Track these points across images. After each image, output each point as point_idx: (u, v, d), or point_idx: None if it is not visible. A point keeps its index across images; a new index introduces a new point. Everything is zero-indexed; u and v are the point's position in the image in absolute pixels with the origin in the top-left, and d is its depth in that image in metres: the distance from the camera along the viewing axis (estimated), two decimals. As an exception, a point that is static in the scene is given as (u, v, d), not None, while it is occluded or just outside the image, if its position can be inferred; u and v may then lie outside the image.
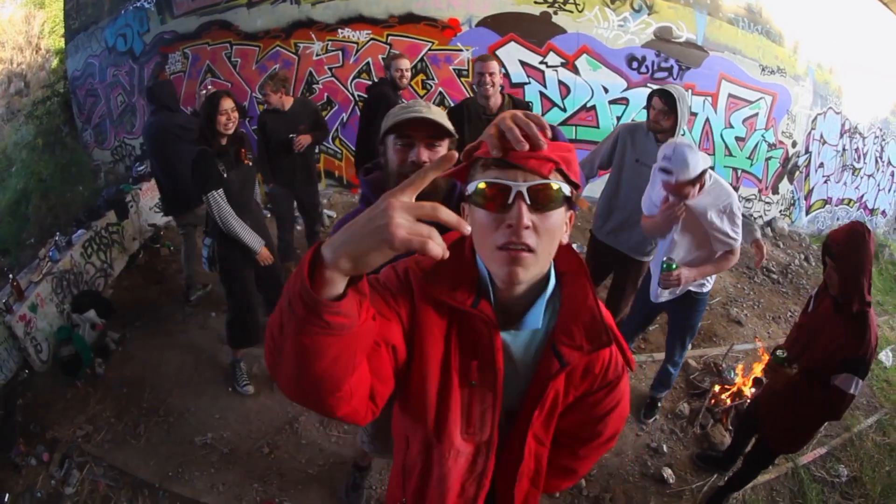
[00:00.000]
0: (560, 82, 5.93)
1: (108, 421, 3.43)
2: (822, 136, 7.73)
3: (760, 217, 7.39)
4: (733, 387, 3.70)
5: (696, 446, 3.44)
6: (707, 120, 6.50)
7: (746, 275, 5.78)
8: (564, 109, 6.03)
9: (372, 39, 5.73)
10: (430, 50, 5.73)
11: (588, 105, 6.09)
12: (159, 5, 6.34)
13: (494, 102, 3.37)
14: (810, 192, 8.05)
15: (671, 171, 2.36)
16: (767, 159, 7.17)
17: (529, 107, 3.52)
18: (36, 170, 7.33)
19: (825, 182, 8.23)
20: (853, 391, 2.23)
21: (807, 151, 7.61)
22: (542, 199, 0.91)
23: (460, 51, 5.73)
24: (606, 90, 6.06)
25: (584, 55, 5.89)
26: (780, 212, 7.63)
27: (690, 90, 6.21)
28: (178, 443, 3.26)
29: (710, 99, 6.42)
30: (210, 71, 6.18)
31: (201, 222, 3.68)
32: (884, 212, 9.80)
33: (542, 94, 5.98)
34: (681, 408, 3.64)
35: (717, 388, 3.72)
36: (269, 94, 3.94)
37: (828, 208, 8.49)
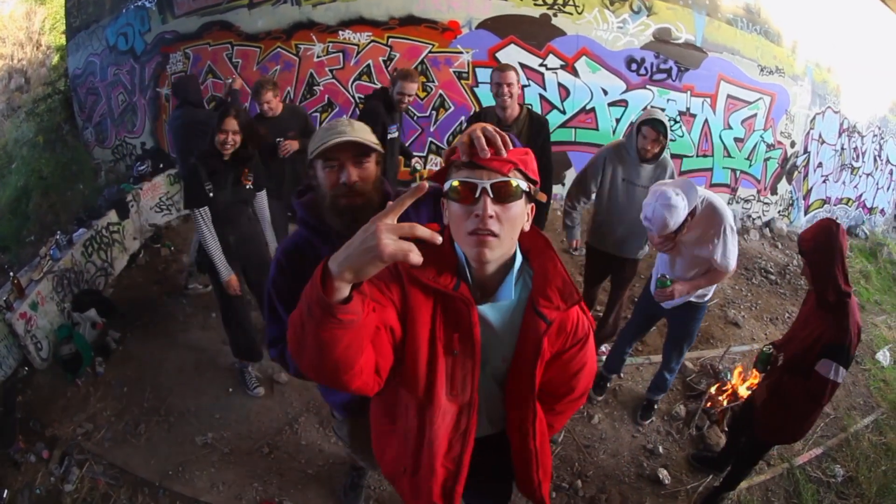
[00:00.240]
0: (559, 84, 5.93)
1: (108, 419, 3.46)
2: (820, 136, 7.73)
3: (759, 218, 7.40)
4: (729, 388, 3.73)
5: (692, 447, 3.46)
6: (706, 121, 6.51)
7: (744, 276, 5.79)
8: (564, 112, 6.03)
9: (373, 41, 5.73)
10: (430, 52, 5.72)
11: (587, 107, 6.09)
12: (160, 5, 6.33)
13: (511, 113, 3.33)
14: (809, 191, 8.05)
15: (651, 229, 2.53)
16: (766, 160, 7.17)
17: (546, 123, 3.46)
18: (36, 167, 7.34)
19: (824, 182, 8.23)
20: (833, 377, 2.30)
21: (805, 151, 7.61)
22: (504, 193, 1.13)
23: (460, 53, 5.73)
24: (606, 92, 6.06)
25: (584, 57, 5.90)
26: (778, 212, 7.64)
27: (689, 92, 6.23)
28: (178, 442, 3.28)
29: (708, 100, 6.42)
30: (211, 71, 6.18)
31: None
32: (882, 210, 9.79)
33: (541, 97, 5.98)
34: (677, 409, 3.66)
35: (713, 390, 3.74)
36: (271, 100, 3.84)
37: (826, 208, 8.47)
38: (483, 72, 5.77)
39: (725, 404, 3.63)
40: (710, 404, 3.67)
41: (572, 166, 6.11)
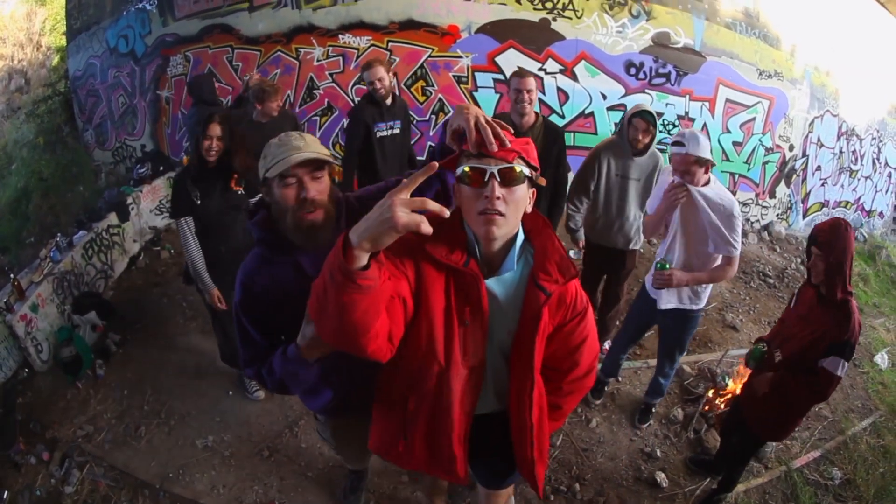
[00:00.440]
0: (559, 89, 5.94)
1: (108, 422, 3.47)
2: (819, 139, 7.74)
3: (757, 221, 7.41)
4: (727, 392, 3.74)
5: (689, 451, 3.46)
6: (704, 125, 6.52)
7: (742, 280, 5.80)
8: (563, 116, 6.03)
9: (372, 45, 5.73)
10: (429, 56, 5.73)
11: (586, 111, 6.10)
12: (161, 7, 6.35)
13: (528, 120, 3.32)
14: (807, 195, 8.06)
15: (684, 144, 2.53)
16: (764, 163, 7.19)
17: (561, 133, 3.46)
18: (36, 168, 7.35)
19: (822, 185, 8.25)
20: (840, 373, 2.34)
21: (804, 155, 7.62)
22: (509, 178, 1.27)
23: (460, 57, 5.74)
24: (605, 96, 6.07)
25: (583, 61, 5.91)
26: (777, 216, 7.65)
27: (687, 96, 6.25)
28: (178, 445, 3.30)
29: (707, 104, 6.43)
30: (211, 74, 6.15)
31: None
32: (881, 213, 9.82)
33: (540, 101, 5.97)
34: (675, 413, 3.67)
35: (710, 394, 3.75)
36: (272, 108, 3.83)
37: (825, 211, 8.47)
38: (482, 76, 5.79)
39: (723, 408, 3.64)
40: (707, 408, 3.68)
41: (571, 170, 6.08)
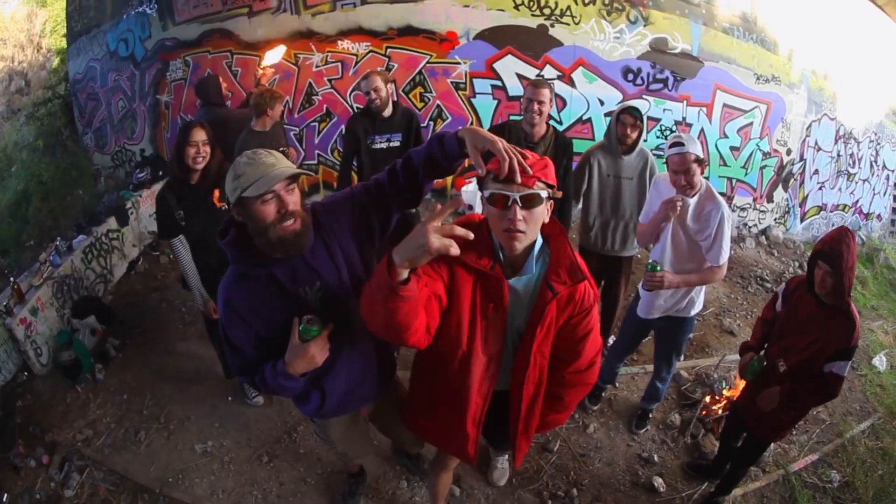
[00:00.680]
0: (556, 95, 5.87)
1: (108, 426, 3.49)
2: (816, 143, 7.74)
3: (755, 226, 7.42)
4: (724, 397, 3.75)
5: (687, 456, 3.48)
6: (702, 130, 6.52)
7: (740, 285, 5.80)
8: (560, 122, 6.03)
9: (371, 52, 5.73)
10: (428, 63, 5.73)
11: (584, 117, 6.10)
12: (161, 11, 6.34)
13: (538, 131, 3.32)
14: (805, 199, 8.05)
15: (683, 143, 2.58)
16: (762, 168, 7.18)
17: (571, 144, 3.47)
18: (36, 171, 7.34)
19: (820, 188, 8.24)
20: (846, 374, 2.42)
21: (801, 159, 7.61)
22: (529, 202, 1.47)
23: (458, 64, 5.74)
24: (602, 102, 6.05)
25: (581, 67, 5.91)
26: (774, 220, 7.64)
27: (685, 101, 6.27)
28: (178, 450, 3.31)
29: (704, 109, 6.43)
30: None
31: None
32: (879, 216, 9.82)
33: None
34: (672, 418, 3.68)
35: (708, 399, 3.77)
36: (275, 115, 3.82)
37: (822, 214, 8.49)
38: (480, 82, 5.80)
39: (720, 412, 3.66)
40: (705, 413, 3.70)
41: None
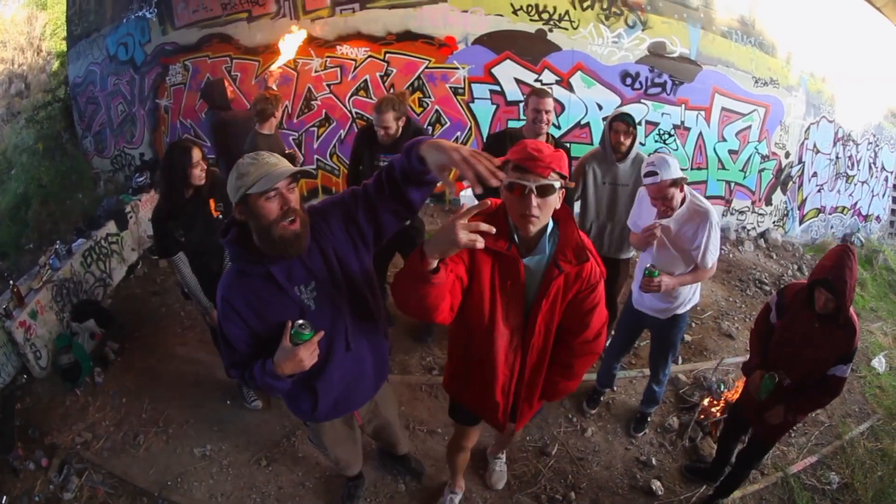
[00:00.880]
0: (555, 100, 5.86)
1: (107, 429, 3.50)
2: (815, 146, 7.72)
3: (754, 229, 7.43)
4: (722, 400, 3.76)
5: (685, 459, 3.48)
6: (700, 134, 6.52)
7: (738, 288, 5.80)
8: (559, 127, 6.02)
9: (370, 56, 5.74)
10: (426, 68, 5.74)
11: (582, 122, 6.10)
12: (161, 16, 6.36)
13: (540, 139, 3.36)
14: (804, 201, 8.04)
15: (657, 173, 2.59)
16: (760, 171, 7.18)
17: (569, 152, 3.46)
18: (36, 175, 7.33)
19: (819, 191, 8.23)
20: (847, 374, 2.48)
21: (800, 161, 7.60)
22: (544, 191, 1.65)
23: (457, 69, 5.74)
24: (600, 107, 6.05)
25: (579, 72, 5.91)
26: (773, 223, 7.64)
27: (683, 105, 6.27)
28: (177, 453, 3.32)
29: (703, 113, 6.43)
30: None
31: None
32: (878, 217, 9.80)
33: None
34: (670, 422, 3.69)
35: (706, 402, 3.78)
36: (277, 117, 3.84)
37: (821, 217, 8.47)
38: (479, 87, 5.81)
39: (718, 416, 3.67)
40: (703, 416, 3.70)
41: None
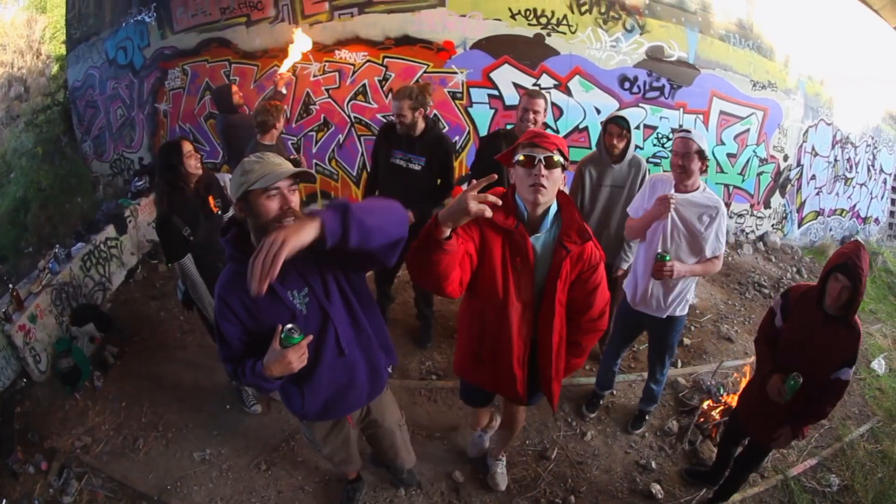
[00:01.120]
0: (553, 104, 5.92)
1: (106, 433, 3.50)
2: (813, 149, 7.73)
3: (752, 232, 7.44)
4: (722, 403, 3.76)
5: (684, 462, 3.48)
6: (699, 137, 6.48)
7: (738, 291, 5.81)
8: (557, 131, 6.01)
9: (368, 61, 5.74)
10: (425, 72, 5.72)
11: (581, 126, 6.09)
12: (160, 20, 6.37)
13: None
14: (802, 204, 8.05)
15: (690, 132, 2.72)
16: (759, 174, 7.19)
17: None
18: (35, 178, 7.33)
19: (817, 194, 8.23)
20: (850, 377, 2.49)
21: (798, 164, 7.60)
22: (550, 163, 1.87)
23: (455, 73, 5.73)
24: (599, 111, 6.04)
25: (577, 76, 5.91)
26: (772, 226, 7.64)
27: (681, 109, 6.28)
28: (176, 457, 3.32)
29: (701, 116, 6.44)
30: (209, 88, 6.19)
31: None
32: (877, 219, 9.81)
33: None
34: (670, 425, 3.69)
35: (706, 405, 3.78)
36: (280, 126, 3.84)
37: (820, 220, 8.48)
38: (477, 92, 5.80)
39: (718, 419, 3.67)
40: (702, 419, 3.71)
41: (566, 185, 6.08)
